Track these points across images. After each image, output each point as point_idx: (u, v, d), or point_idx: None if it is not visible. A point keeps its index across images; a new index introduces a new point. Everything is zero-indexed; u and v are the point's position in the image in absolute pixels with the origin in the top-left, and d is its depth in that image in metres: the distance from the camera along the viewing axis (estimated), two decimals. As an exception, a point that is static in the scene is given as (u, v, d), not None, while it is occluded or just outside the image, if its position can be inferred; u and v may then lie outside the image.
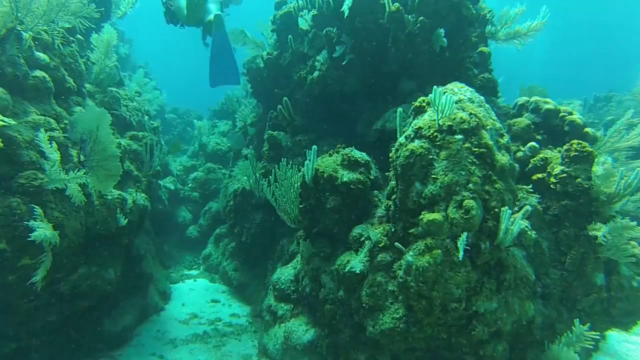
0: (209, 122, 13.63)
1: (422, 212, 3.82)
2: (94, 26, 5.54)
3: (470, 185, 3.66)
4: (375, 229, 4.57)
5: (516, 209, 3.97)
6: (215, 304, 7.41)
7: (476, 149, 3.78)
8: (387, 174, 5.30)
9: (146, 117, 7.37)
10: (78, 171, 3.97)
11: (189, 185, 10.14)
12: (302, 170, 5.17)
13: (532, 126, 4.84)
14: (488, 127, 3.95)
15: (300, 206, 5.09)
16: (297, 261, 5.95)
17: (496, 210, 3.61)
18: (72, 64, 5.59)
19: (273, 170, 5.09)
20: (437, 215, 3.69)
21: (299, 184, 5.08)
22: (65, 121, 4.74)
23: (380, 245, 4.37)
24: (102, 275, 5.02)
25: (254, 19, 9.14)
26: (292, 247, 6.58)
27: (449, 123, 3.92)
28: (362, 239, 4.58)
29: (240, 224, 7.47)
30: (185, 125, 14.72)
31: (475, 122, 3.88)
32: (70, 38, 5.74)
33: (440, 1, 5.37)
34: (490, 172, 3.74)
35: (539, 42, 6.99)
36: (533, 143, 4.63)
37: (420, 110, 4.35)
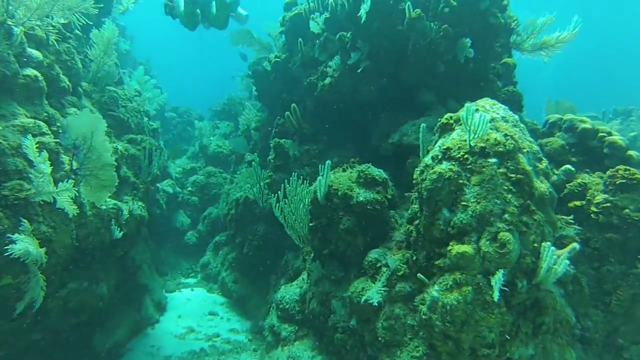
0: (210, 122, 13.16)
1: (450, 243, 3.41)
2: (91, 23, 5.07)
3: (506, 215, 3.25)
4: (394, 254, 4.16)
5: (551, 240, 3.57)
6: (213, 317, 6.96)
7: (512, 175, 3.37)
8: (407, 194, 4.90)
9: (145, 119, 6.91)
10: (68, 181, 3.52)
11: (188, 188, 9.68)
12: (313, 185, 4.75)
13: (567, 147, 4.44)
14: (525, 150, 3.55)
15: (311, 224, 4.67)
16: (303, 280, 5.53)
17: (535, 245, 3.20)
18: (68, 61, 5.13)
19: (282, 185, 4.65)
20: (467, 248, 3.27)
21: (309, 200, 4.65)
22: (58, 124, 4.28)
23: (399, 274, 3.96)
24: (94, 290, 4.57)
25: (260, 20, 8.71)
26: (297, 263, 6.16)
27: (482, 144, 3.51)
28: (379, 265, 4.16)
29: (241, 234, 7.03)
30: (185, 125, 14.22)
31: (512, 145, 3.47)
32: (67, 34, 5.28)
33: (465, 8, 4.96)
34: (528, 201, 3.33)
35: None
36: (568, 166, 4.23)
37: (447, 128, 3.94)
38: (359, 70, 5.71)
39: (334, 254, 4.57)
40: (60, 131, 3.94)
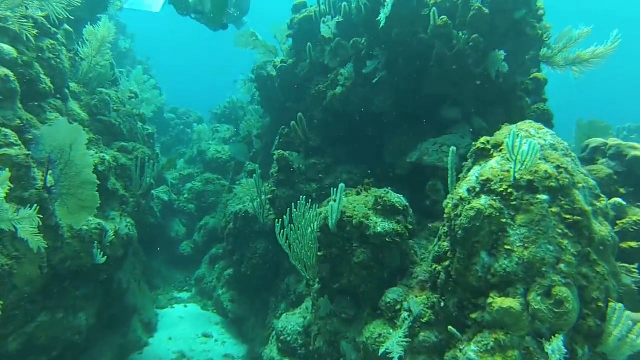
0: (210, 125, 12.51)
1: (491, 294, 2.80)
2: (73, 17, 4.41)
3: (561, 265, 2.64)
4: (416, 296, 3.54)
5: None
6: (207, 340, 6.33)
7: (568, 216, 2.77)
8: (432, 225, 4.30)
9: (139, 124, 6.27)
10: (32, 207, 2.88)
11: (185, 195, 9.02)
12: (323, 209, 4.12)
13: (614, 177, 3.85)
14: (580, 186, 2.94)
15: (319, 254, 4.05)
16: (307, 309, 4.91)
17: (600, 304, 2.60)
18: (53, 59, 4.49)
19: (288, 209, 4.03)
20: (513, 303, 2.66)
21: (318, 225, 4.03)
22: (34, 132, 3.64)
23: (423, 320, 3.34)
24: (69, 322, 3.92)
25: (264, 21, 8.09)
26: (300, 288, 5.54)
27: (529, 177, 2.90)
28: (398, 307, 3.55)
29: (240, 251, 6.39)
30: (184, 127, 13.56)
31: (566, 179, 2.86)
32: (52, 29, 4.63)
33: (498, 17, 4.35)
34: (588, 248, 2.73)
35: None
36: (618, 200, 3.64)
37: (483, 154, 3.33)
38: (374, 81, 5.10)
39: (345, 290, 3.95)
40: (33, 143, 3.29)
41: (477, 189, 3.04)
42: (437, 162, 4.60)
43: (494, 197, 2.93)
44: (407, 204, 4.02)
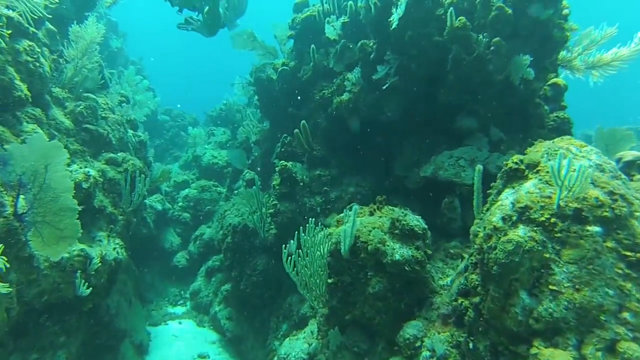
0: (205, 128, 12.02)
1: (535, 342, 2.39)
2: (50, 16, 3.94)
3: (626, 315, 2.23)
4: (438, 332, 3.13)
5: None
6: (203, 361, 5.88)
7: (629, 253, 2.36)
8: (453, 251, 3.89)
9: (130, 132, 5.79)
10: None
11: (179, 204, 8.54)
12: (333, 233, 3.70)
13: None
14: (637, 215, 2.53)
15: (330, 281, 3.62)
16: (312, 334, 4.48)
17: (671, 362, 2.19)
18: (31, 63, 4.01)
19: (296, 233, 3.59)
20: (565, 356, 2.25)
21: (328, 248, 3.60)
22: (5, 148, 3.17)
23: (448, 363, 2.93)
24: (48, 361, 3.46)
25: (263, 20, 7.63)
26: (303, 309, 5.11)
27: (576, 205, 2.49)
28: (418, 344, 3.14)
29: (239, 267, 5.95)
30: (178, 129, 13.06)
31: (623, 208, 2.45)
32: (31, 29, 4.15)
33: (523, 18, 3.94)
34: (653, 292, 2.32)
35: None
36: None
37: (516, 176, 2.91)
38: (384, 87, 4.67)
39: (357, 321, 3.53)
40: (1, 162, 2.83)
41: (514, 218, 2.63)
42: (454, 177, 4.18)
43: (535, 228, 2.52)
44: (426, 226, 3.60)
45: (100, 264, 3.51)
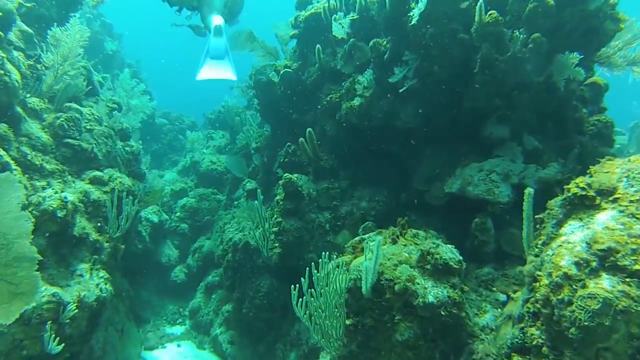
0: (204, 131, 11.38)
1: None
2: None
3: None
4: (485, 392, 2.53)
5: None
6: (203, 391, 5.29)
7: None
8: (484, 278, 3.28)
9: (119, 144, 5.16)
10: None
11: (177, 214, 7.92)
12: (351, 268, 3.09)
13: None
14: None
15: (348, 322, 3.02)
16: (325, 373, 3.89)
17: None
18: (-4, 72, 3.37)
19: (306, 272, 2.98)
20: None
21: (345, 285, 3.00)
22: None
23: None
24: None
25: (262, 19, 6.98)
26: (314, 339, 4.50)
27: (677, 248, 1.88)
28: (461, 406, 2.54)
29: (240, 287, 5.35)
30: (176, 133, 12.40)
31: None
32: (-4, 32, 3.51)
33: (566, 9, 3.31)
34: None
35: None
36: None
37: (583, 204, 2.29)
38: (401, 90, 4.04)
39: (382, 371, 2.93)
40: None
41: (593, 264, 2.02)
42: (486, 194, 3.57)
43: (627, 280, 1.91)
44: (461, 257, 3.00)
45: (76, 310, 2.90)
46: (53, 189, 3.39)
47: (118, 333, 4.84)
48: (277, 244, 4.99)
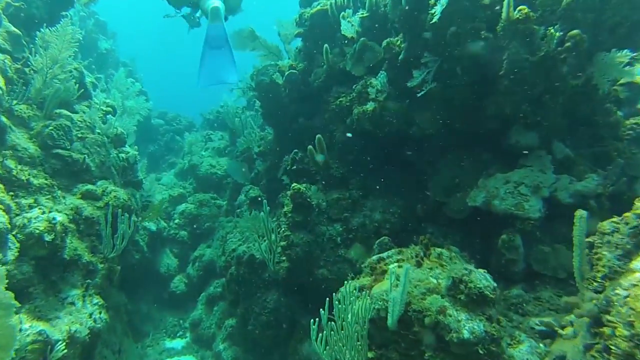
0: (202, 132, 11.03)
1: None
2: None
3: None
4: None
5: None
6: (207, 414, 4.99)
7: None
8: (514, 301, 2.99)
9: (114, 153, 4.83)
10: None
11: (176, 221, 7.58)
12: (374, 296, 2.78)
13: None
14: None
15: (370, 355, 2.71)
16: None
17: None
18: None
19: (327, 300, 2.66)
20: None
21: (368, 315, 2.69)
22: None
23: None
24: None
25: (264, 17, 6.63)
26: (325, 361, 4.21)
27: None
28: None
29: (245, 303, 5.04)
30: (173, 134, 12.02)
31: None
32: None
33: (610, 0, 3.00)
34: None
35: None
36: None
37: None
38: (419, 94, 3.73)
39: (409, 411, 2.64)
40: None
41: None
42: (515, 209, 3.27)
43: None
44: (495, 284, 2.69)
45: (65, 350, 2.58)
46: (40, 208, 3.06)
47: (115, 355, 4.52)
48: (284, 258, 4.68)
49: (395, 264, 3.13)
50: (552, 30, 3.06)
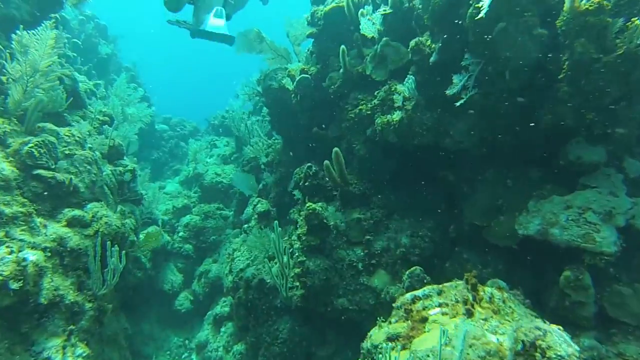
0: (207, 138, 10.43)
1: None
2: None
3: None
4: None
5: None
6: None
7: None
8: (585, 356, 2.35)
9: (108, 169, 4.21)
10: None
11: (180, 233, 6.97)
12: (419, 356, 2.16)
13: None
14: None
15: None
16: None
17: None
18: None
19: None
20: None
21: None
22: None
23: None
24: None
25: (270, 17, 5.98)
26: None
27: None
28: None
29: (256, 331, 4.42)
30: (178, 140, 11.41)
31: None
32: None
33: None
34: None
35: None
36: None
37: None
38: (458, 103, 3.08)
39: None
40: None
41: None
42: (582, 241, 2.63)
43: None
44: (578, 348, 2.06)
45: None
46: (8, 246, 2.45)
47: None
48: (298, 284, 4.06)
49: (438, 310, 2.52)
50: (638, 21, 2.41)
